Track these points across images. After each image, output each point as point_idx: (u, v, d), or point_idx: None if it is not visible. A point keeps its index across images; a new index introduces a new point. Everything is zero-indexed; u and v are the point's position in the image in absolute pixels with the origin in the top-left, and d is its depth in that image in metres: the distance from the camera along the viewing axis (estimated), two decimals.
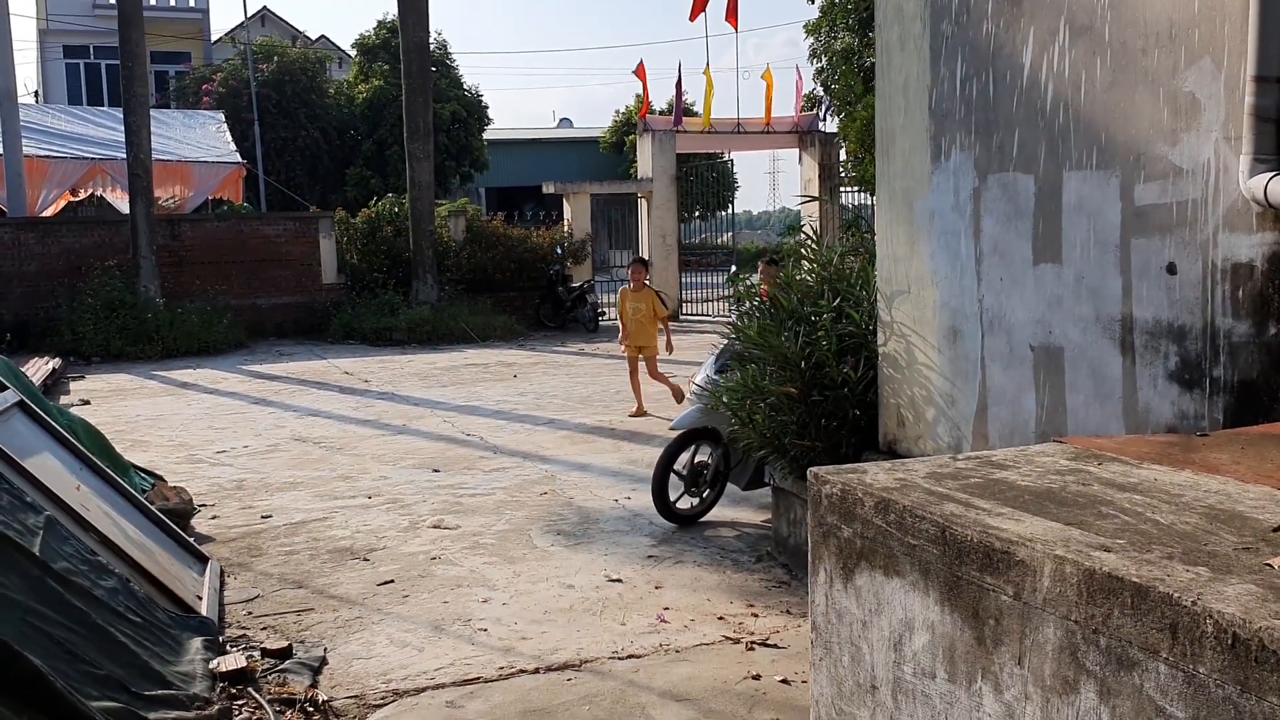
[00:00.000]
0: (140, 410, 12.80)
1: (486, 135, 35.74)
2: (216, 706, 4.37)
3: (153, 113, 20.66)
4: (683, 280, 24.84)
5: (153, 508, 6.68)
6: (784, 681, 4.72)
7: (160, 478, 8.09)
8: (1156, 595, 1.75)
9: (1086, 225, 4.24)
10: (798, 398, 5.85)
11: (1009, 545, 2.06)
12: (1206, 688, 1.66)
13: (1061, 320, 4.36)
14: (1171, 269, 3.91)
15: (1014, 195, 4.57)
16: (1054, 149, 4.36)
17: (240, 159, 25.19)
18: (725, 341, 7.34)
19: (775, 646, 5.18)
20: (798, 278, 6.35)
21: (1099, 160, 4.17)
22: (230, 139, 25.70)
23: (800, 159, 24.50)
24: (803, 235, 6.68)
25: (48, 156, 21.62)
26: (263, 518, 7.75)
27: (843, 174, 21.99)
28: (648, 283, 12.10)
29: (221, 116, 27.21)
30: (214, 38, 40.25)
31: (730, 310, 8.98)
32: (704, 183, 27.52)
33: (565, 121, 54.15)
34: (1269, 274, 3.59)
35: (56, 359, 16.17)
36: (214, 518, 7.77)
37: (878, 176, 5.50)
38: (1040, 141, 4.42)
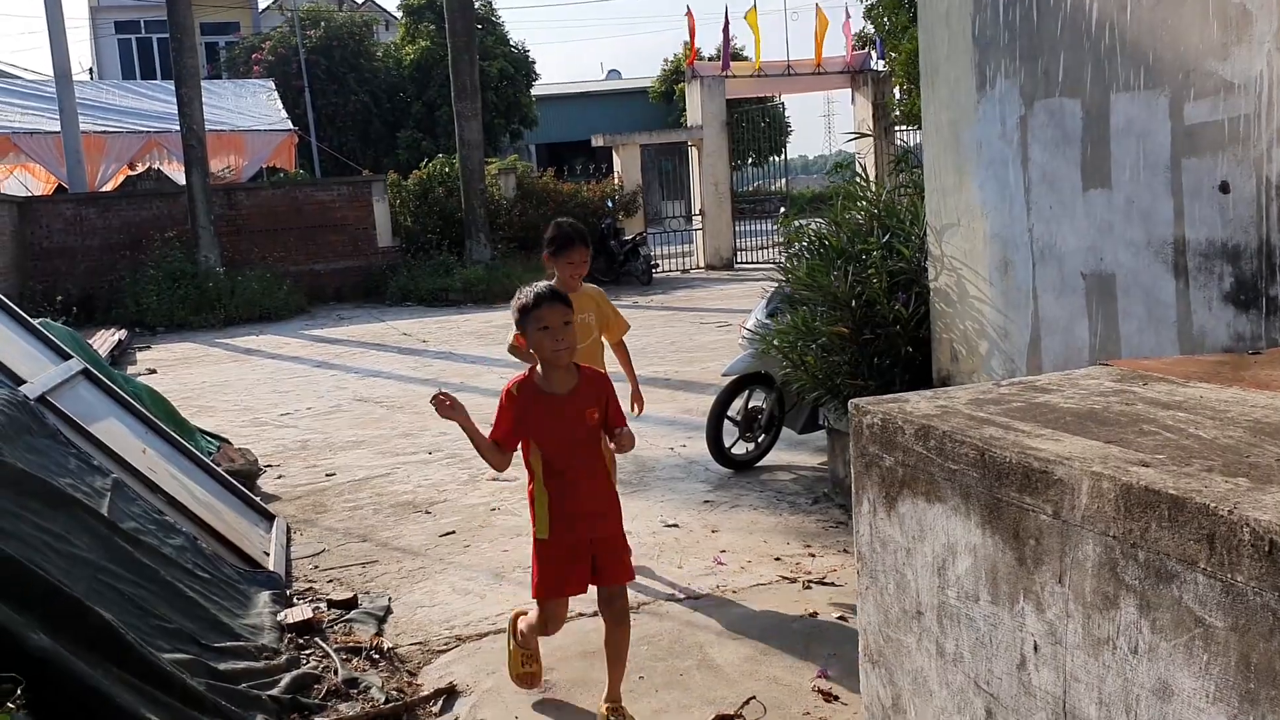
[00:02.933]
0: (205, 377, 13.05)
1: (534, 91, 35.69)
2: (284, 656, 4.49)
3: (204, 84, 20.89)
4: (737, 228, 24.70)
5: (219, 469, 6.84)
6: (841, 618, 4.74)
7: (226, 440, 8.27)
8: (1193, 506, 1.73)
9: (1136, 147, 4.15)
10: (849, 337, 5.82)
11: (1047, 465, 2.05)
12: (1244, 596, 1.65)
13: (1113, 246, 4.28)
14: (1224, 187, 3.82)
15: (1061, 121, 4.49)
16: (1100, 71, 4.26)
17: (292, 126, 25.40)
18: (775, 285, 7.30)
19: (832, 585, 5.19)
20: (847, 216, 6.29)
21: (1147, 80, 4.07)
22: (281, 107, 25.91)
23: (853, 99, 24.18)
24: (851, 173, 6.60)
25: (104, 132, 21.97)
26: (327, 475, 7.89)
27: (896, 113, 21.67)
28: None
29: (271, 85, 27.43)
30: (261, 6, 40.50)
31: (782, 254, 8.82)
32: (755, 128, 27.28)
33: (614, 73, 53.84)
34: None
35: (122, 330, 16.52)
36: (280, 477, 7.93)
37: (923, 109, 5.42)
38: (1086, 64, 4.32)
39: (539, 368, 3.82)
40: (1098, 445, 2.10)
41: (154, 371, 13.32)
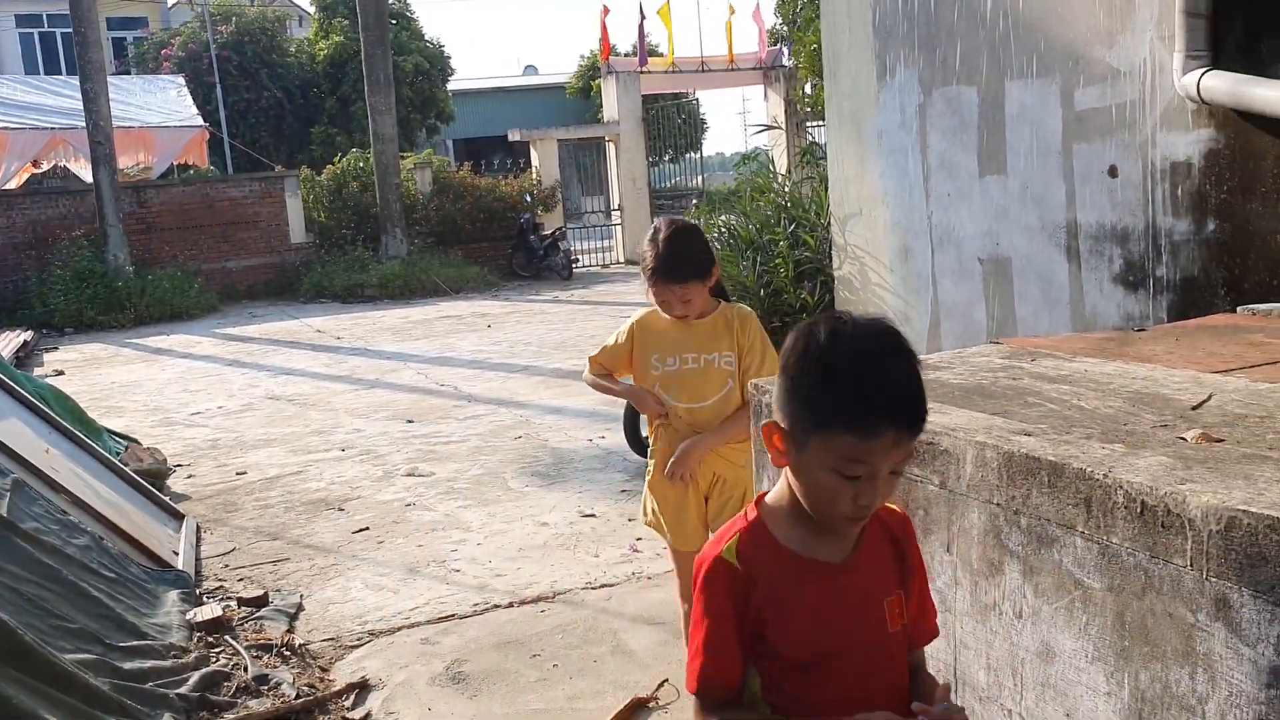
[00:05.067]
0: (115, 378, 12.76)
1: (451, 86, 35.39)
2: (193, 654, 4.42)
3: (111, 79, 20.38)
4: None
5: (126, 468, 6.70)
6: None
7: (134, 440, 8.10)
8: (1071, 471, 1.79)
9: (1029, 134, 4.26)
10: None
11: (934, 436, 2.10)
12: (1119, 557, 1.71)
13: (1008, 230, 4.39)
14: (1113, 172, 3.94)
15: (958, 108, 4.58)
16: (996, 59, 4.36)
17: (203, 122, 24.90)
18: None
19: None
20: (756, 207, 6.37)
21: (1039, 67, 4.18)
22: (192, 103, 25.35)
23: (766, 95, 24.36)
24: (758, 164, 6.68)
25: (6, 128, 21.33)
26: (238, 474, 7.77)
27: (807, 109, 21.91)
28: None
29: (182, 81, 26.83)
30: (170, 2, 39.64)
31: None
32: (672, 124, 27.37)
33: (530, 69, 53.64)
34: (1206, 170, 3.62)
35: (28, 331, 16.07)
36: (190, 477, 7.79)
37: (827, 100, 5.50)
38: (982, 52, 4.42)
39: (784, 512, 1.71)
40: (983, 417, 2.16)
41: (61, 373, 12.99)
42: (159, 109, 24.11)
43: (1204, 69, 3.49)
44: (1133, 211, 3.86)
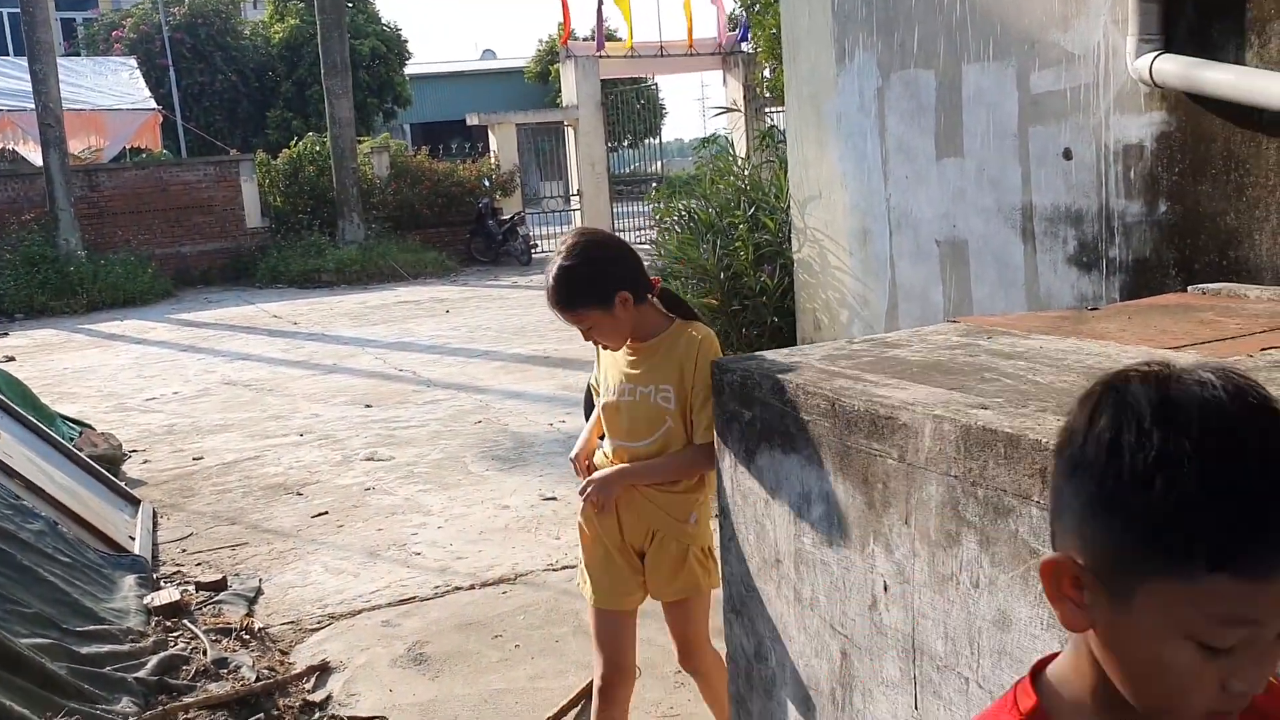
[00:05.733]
0: (67, 364, 12.60)
1: (408, 70, 35.10)
2: (151, 639, 4.39)
3: (61, 61, 20.06)
4: (615, 210, 24.73)
5: (80, 454, 6.63)
6: None
7: (88, 425, 8.01)
8: (1027, 443, 1.82)
9: (986, 116, 4.30)
10: (718, 308, 5.92)
11: (893, 410, 2.13)
12: None
13: (965, 213, 4.44)
14: (1067, 154, 3.99)
15: (916, 92, 4.62)
16: (953, 42, 4.40)
17: (156, 105, 24.56)
18: (649, 260, 7.38)
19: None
20: (716, 190, 6.39)
21: (996, 51, 4.23)
22: (144, 85, 25.00)
23: (725, 81, 24.38)
24: (718, 148, 6.70)
25: None
26: (194, 460, 7.71)
27: (766, 94, 21.94)
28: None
29: (134, 63, 26.45)
30: None
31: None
32: (631, 109, 27.32)
33: (489, 53, 53.31)
34: (1158, 153, 3.67)
35: None
36: (145, 462, 7.72)
37: (786, 83, 5.52)
38: (939, 36, 4.46)
39: (1083, 701, 1.07)
40: (941, 392, 2.19)
41: (12, 359, 12.80)
42: (110, 91, 23.76)
43: (1156, 52, 3.54)
44: (1086, 194, 3.92)
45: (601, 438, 3.11)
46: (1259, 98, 3.20)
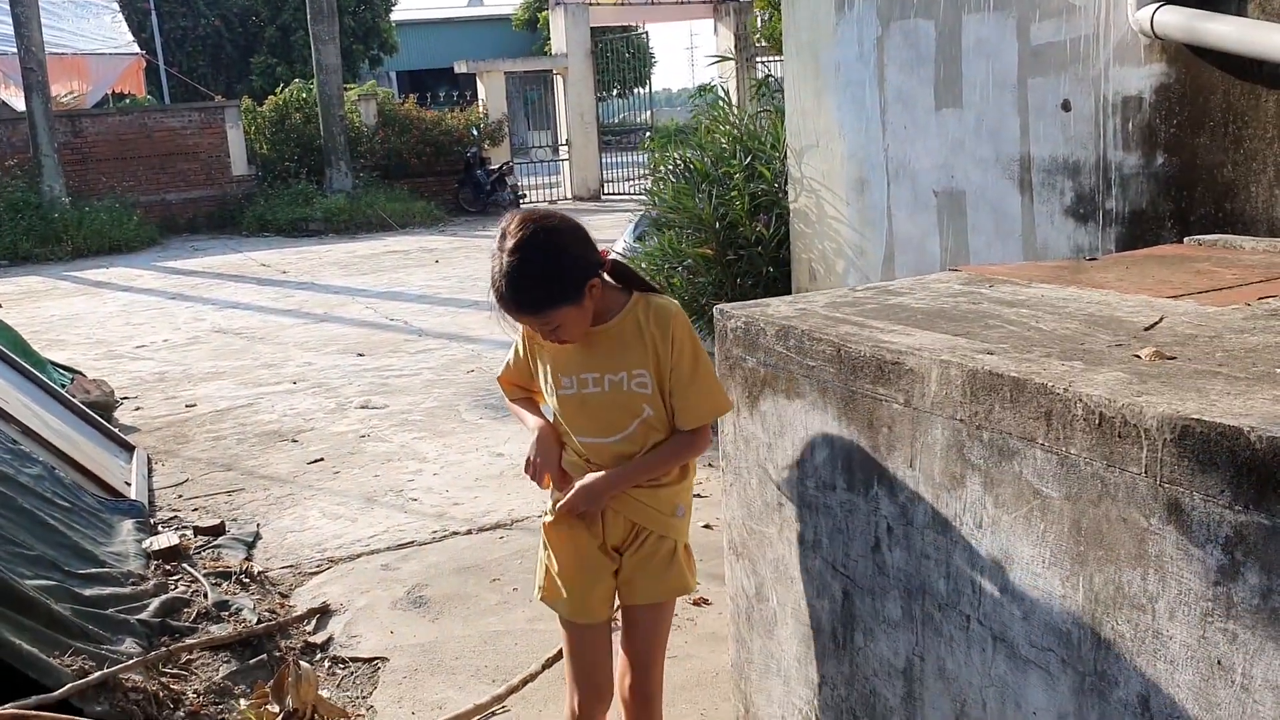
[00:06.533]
0: (54, 311, 12.56)
1: (394, 16, 34.74)
2: (152, 582, 4.43)
3: (42, 3, 19.76)
4: (603, 160, 24.62)
5: (74, 400, 6.64)
6: (706, 526, 4.89)
7: (79, 372, 8.01)
8: (1033, 386, 1.86)
9: (986, 67, 4.30)
10: (713, 259, 5.93)
11: (899, 356, 2.16)
12: (1077, 467, 1.78)
13: (963, 164, 4.45)
14: (1066, 106, 4.01)
15: (915, 42, 4.62)
16: None
17: (139, 50, 24.28)
18: (643, 210, 7.38)
19: (699, 495, 5.33)
20: (711, 139, 6.38)
21: (997, 1, 4.22)
22: (127, 29, 24.72)
23: (716, 29, 24.20)
24: (713, 96, 6.69)
25: None
26: (187, 407, 7.73)
27: (760, 42, 21.77)
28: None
29: (116, 6, 26.11)
30: None
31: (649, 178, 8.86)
32: (620, 58, 27.09)
33: (476, 0, 52.70)
34: (1156, 105, 3.69)
35: None
36: (137, 409, 7.73)
37: (784, 31, 5.50)
38: None
39: None
40: (946, 338, 2.22)
41: None
42: (92, 35, 23.48)
43: (1159, 3, 3.55)
44: (1084, 145, 3.94)
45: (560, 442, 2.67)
46: (1260, 49, 3.21)
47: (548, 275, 2.37)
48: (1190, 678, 1.65)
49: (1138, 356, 1.96)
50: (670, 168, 6.50)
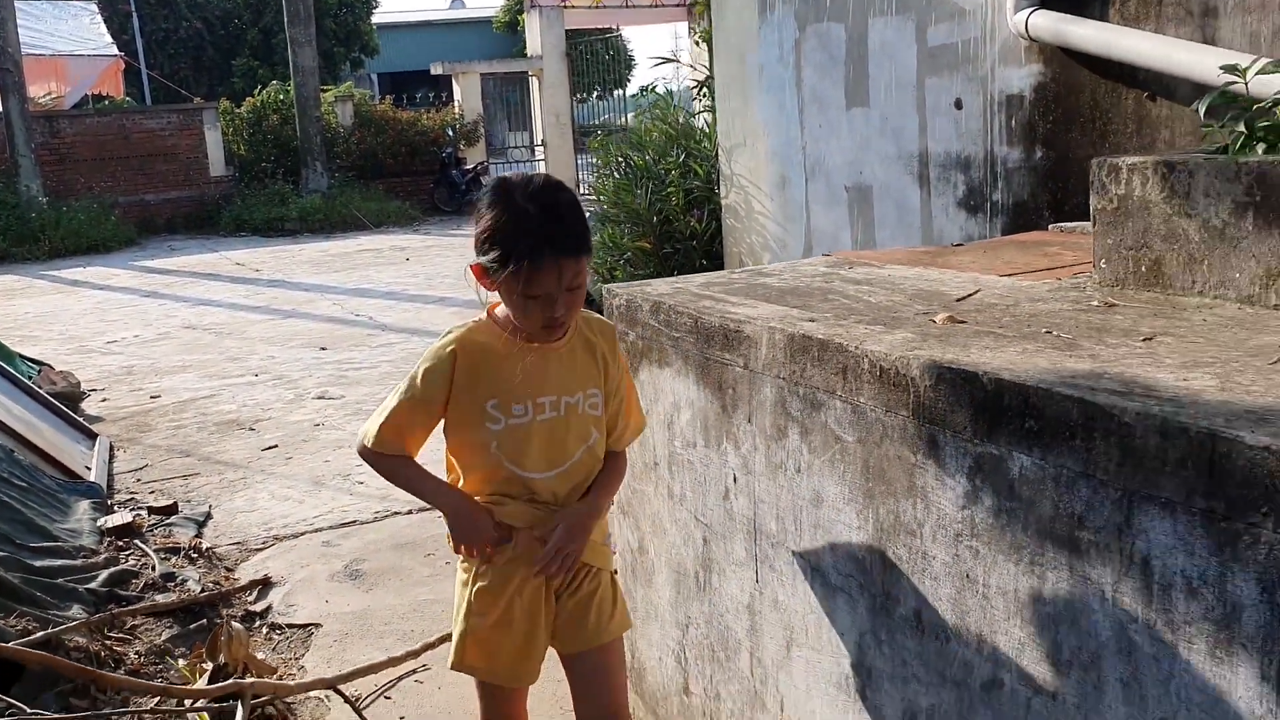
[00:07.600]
0: (29, 308, 12.76)
1: (375, 19, 34.97)
2: (103, 555, 4.67)
3: (19, 4, 19.95)
4: (579, 160, 24.87)
5: (39, 390, 6.86)
6: None
7: (47, 365, 8.23)
8: (833, 346, 2.12)
9: (889, 68, 4.58)
10: (651, 252, 6.20)
11: (739, 324, 2.43)
12: (865, 413, 2.05)
13: (870, 160, 4.73)
14: (958, 104, 4.28)
15: (829, 44, 4.89)
16: None
17: (118, 52, 24.46)
18: (588, 206, 7.64)
19: None
20: (651, 137, 6.64)
21: (898, 5, 4.50)
22: (106, 31, 24.90)
23: (689, 31, 24.47)
24: (654, 95, 6.95)
25: None
26: (151, 398, 7.96)
27: (697, 44, 22.01)
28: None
29: (95, 8, 26.30)
30: None
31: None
32: (598, 60, 27.36)
33: (458, 2, 52.91)
34: (1035, 103, 3.97)
35: None
36: (104, 400, 7.96)
37: (714, 34, 5.78)
38: None
39: None
40: (782, 309, 2.49)
41: None
42: (71, 36, 23.66)
43: (1032, 8, 3.82)
44: (974, 141, 4.21)
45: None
46: (1115, 51, 3.49)
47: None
48: (949, 591, 1.91)
49: (933, 321, 2.22)
50: (613, 164, 6.76)
